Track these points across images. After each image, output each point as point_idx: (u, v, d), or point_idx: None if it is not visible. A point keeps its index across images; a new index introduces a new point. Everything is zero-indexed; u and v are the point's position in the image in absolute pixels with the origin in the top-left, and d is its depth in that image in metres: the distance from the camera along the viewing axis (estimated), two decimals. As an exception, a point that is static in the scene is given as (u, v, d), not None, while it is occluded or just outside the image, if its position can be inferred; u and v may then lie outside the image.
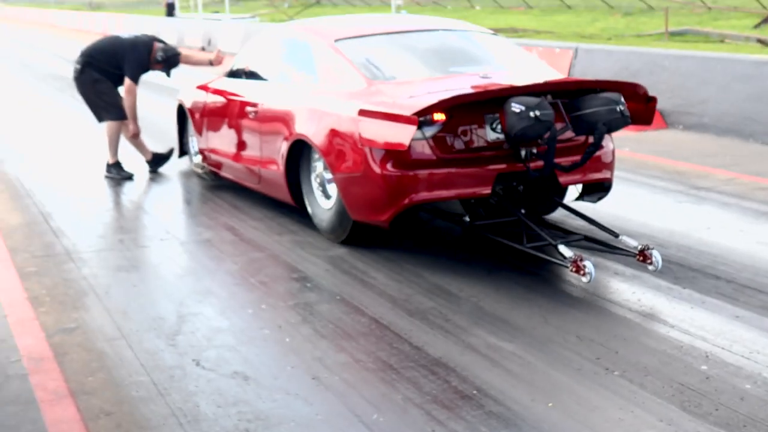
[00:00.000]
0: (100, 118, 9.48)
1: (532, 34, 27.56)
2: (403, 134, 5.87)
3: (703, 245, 6.67)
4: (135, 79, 9.28)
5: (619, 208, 7.72)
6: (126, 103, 9.31)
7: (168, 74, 9.62)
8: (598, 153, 6.56)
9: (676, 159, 9.94)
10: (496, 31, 28.25)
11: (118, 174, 9.41)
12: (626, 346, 4.86)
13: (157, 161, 9.75)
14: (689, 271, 6.08)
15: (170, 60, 9.49)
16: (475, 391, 4.37)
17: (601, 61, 13.31)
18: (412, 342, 4.97)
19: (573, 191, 7.15)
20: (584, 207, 7.43)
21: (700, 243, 6.73)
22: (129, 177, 9.38)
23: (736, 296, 5.60)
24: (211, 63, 9.71)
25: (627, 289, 5.75)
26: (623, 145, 10.50)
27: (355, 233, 6.77)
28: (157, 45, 9.46)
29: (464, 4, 45.97)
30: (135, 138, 9.56)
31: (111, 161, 9.44)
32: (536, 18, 34.75)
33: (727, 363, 4.64)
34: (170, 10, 40.87)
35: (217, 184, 9.03)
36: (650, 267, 5.97)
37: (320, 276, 6.17)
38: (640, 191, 8.44)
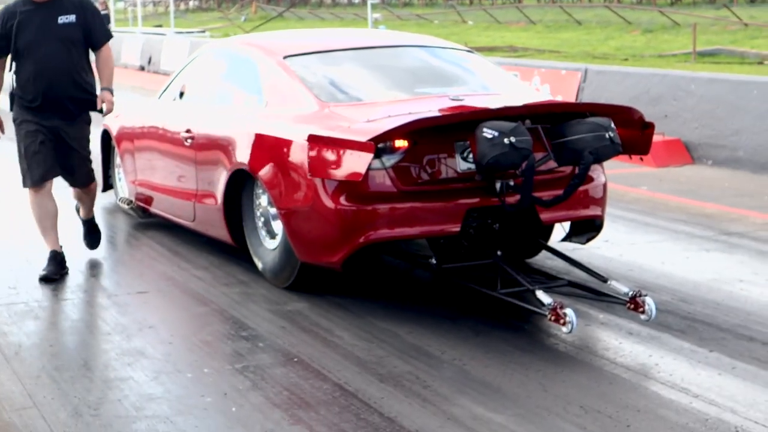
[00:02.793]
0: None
1: (534, 53, 27.86)
2: (358, 163, 5.99)
3: (734, 301, 6.71)
4: None
5: (634, 257, 7.79)
6: None
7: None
8: (585, 186, 6.74)
9: (703, 199, 10.02)
10: (492, 49, 28.64)
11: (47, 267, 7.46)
12: (640, 419, 4.86)
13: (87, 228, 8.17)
14: (717, 332, 6.11)
15: None
16: (457, 471, 4.37)
17: (615, 84, 13.46)
18: (383, 412, 4.96)
19: (560, 231, 7.31)
20: (587, 254, 7.46)
21: (730, 298, 6.77)
22: (46, 278, 7.35)
23: (771, 360, 5.64)
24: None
25: (642, 352, 5.78)
26: (639, 182, 10.63)
27: (304, 277, 6.88)
28: None
29: (454, 17, 46.43)
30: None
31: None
32: (539, 35, 35.14)
33: (760, 438, 4.66)
34: (103, 23, 40.94)
35: (149, 223, 9.08)
36: (642, 317, 6.11)
37: (274, 334, 6.17)
38: (660, 237, 8.51)
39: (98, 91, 7.46)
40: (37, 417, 4.98)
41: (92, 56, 7.56)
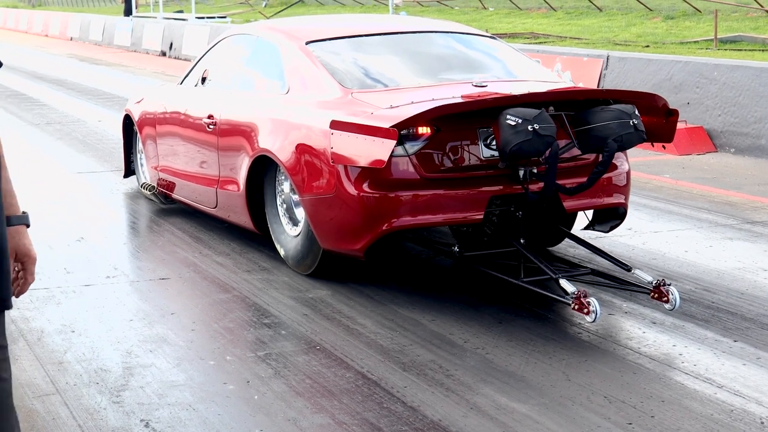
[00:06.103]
0: None
1: (555, 40, 27.73)
2: (381, 150, 5.96)
3: (758, 290, 6.66)
4: None
5: (657, 245, 7.74)
6: None
7: None
8: (609, 174, 6.71)
9: (726, 188, 9.96)
10: (513, 36, 28.53)
11: None
12: (664, 410, 4.83)
13: None
14: (741, 321, 6.07)
15: None
16: (481, 461, 4.34)
17: (636, 71, 13.39)
18: (406, 401, 4.94)
19: (582, 219, 7.28)
20: (609, 242, 7.41)
21: (754, 287, 6.72)
22: None
23: (797, 351, 5.58)
24: None
25: (666, 342, 5.73)
26: (662, 170, 10.56)
27: (326, 265, 6.86)
28: None
29: (475, 4, 46.25)
30: None
31: None
32: (560, 22, 34.95)
33: (786, 430, 4.61)
34: (128, 8, 40.95)
35: (171, 209, 9.07)
36: (666, 306, 6.07)
37: (297, 322, 6.15)
38: (683, 225, 8.45)
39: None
40: (59, 404, 4.97)
41: None
